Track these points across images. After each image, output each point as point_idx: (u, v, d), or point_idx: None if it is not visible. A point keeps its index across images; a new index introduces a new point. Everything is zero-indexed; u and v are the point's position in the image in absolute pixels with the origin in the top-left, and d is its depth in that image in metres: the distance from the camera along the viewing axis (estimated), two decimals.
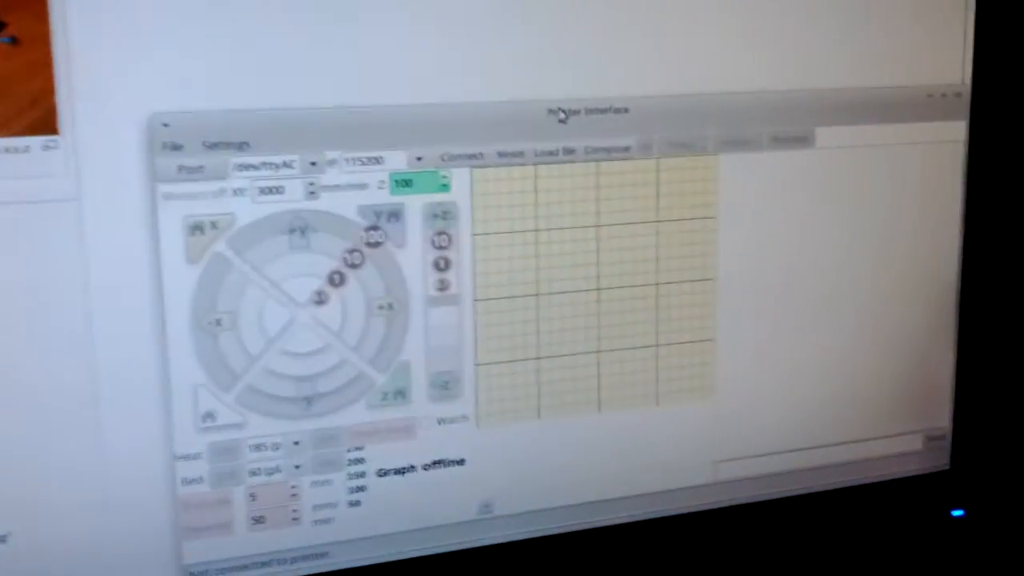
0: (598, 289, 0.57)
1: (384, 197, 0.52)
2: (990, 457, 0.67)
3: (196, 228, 0.49)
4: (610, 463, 0.59)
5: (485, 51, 0.52)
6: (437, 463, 0.55)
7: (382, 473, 0.54)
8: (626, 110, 0.55)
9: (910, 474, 0.66)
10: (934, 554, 0.66)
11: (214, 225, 0.49)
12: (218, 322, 0.50)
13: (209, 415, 0.51)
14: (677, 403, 0.59)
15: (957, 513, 0.67)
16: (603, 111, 0.55)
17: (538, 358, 0.56)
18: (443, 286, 0.54)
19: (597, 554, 0.59)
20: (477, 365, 0.55)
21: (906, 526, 0.66)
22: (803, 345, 0.61)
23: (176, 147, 0.48)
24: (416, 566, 0.56)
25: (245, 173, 0.49)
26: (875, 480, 0.65)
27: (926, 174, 0.62)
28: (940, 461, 0.66)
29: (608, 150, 0.56)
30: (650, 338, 0.58)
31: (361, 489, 0.54)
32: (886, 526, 0.66)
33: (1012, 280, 0.65)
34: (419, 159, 0.52)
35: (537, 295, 0.56)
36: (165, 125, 0.47)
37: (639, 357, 0.58)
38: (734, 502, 0.62)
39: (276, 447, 0.52)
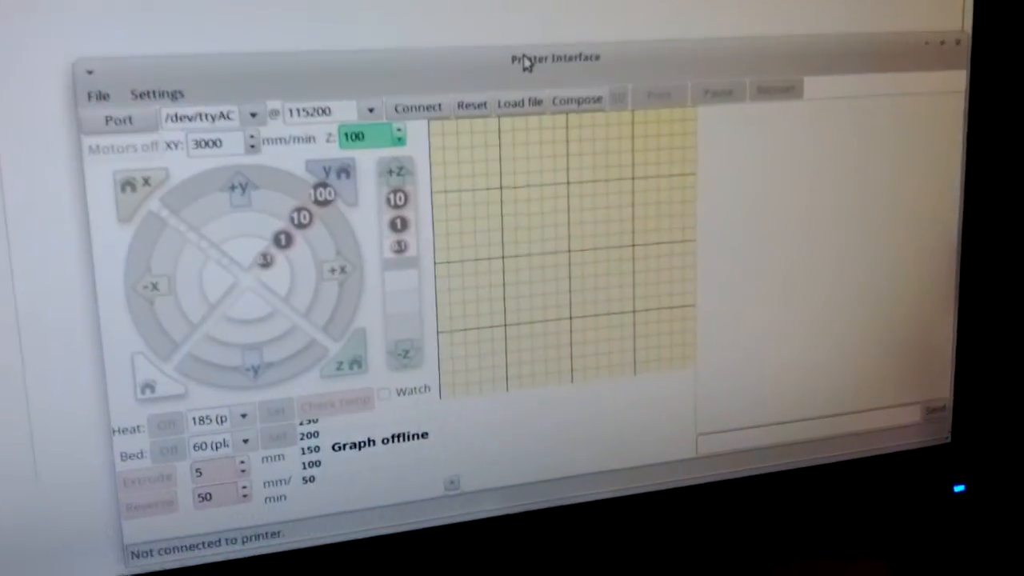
0: (569, 251, 0.53)
1: (333, 151, 0.48)
2: (993, 430, 0.63)
3: (127, 184, 0.45)
4: (584, 436, 0.55)
5: None
6: (398, 437, 0.52)
7: (338, 447, 0.51)
8: (597, 57, 0.52)
9: (908, 448, 0.62)
10: (934, 531, 0.63)
11: (146, 181, 0.46)
12: (154, 286, 0.47)
13: (148, 385, 0.48)
14: (656, 373, 0.56)
15: (959, 488, 0.64)
16: (572, 58, 0.51)
17: (505, 325, 0.53)
18: (400, 248, 0.50)
19: (571, 533, 0.56)
20: (439, 333, 0.52)
21: (904, 502, 0.63)
22: (791, 311, 0.58)
23: (102, 96, 0.44)
24: (378, 545, 0.53)
25: (179, 125, 0.46)
26: (870, 454, 0.61)
27: (924, 127, 0.58)
28: (940, 434, 0.63)
29: (578, 101, 0.52)
30: (626, 303, 0.55)
31: (315, 464, 0.51)
32: (883, 502, 0.62)
33: (1016, 239, 0.62)
34: (371, 110, 0.48)
35: (503, 257, 0.52)
36: (90, 72, 0.44)
37: (614, 324, 0.55)
38: (717, 477, 0.58)
39: (222, 420, 0.49)
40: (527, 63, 0.51)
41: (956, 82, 0.58)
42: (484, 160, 0.51)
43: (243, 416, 0.49)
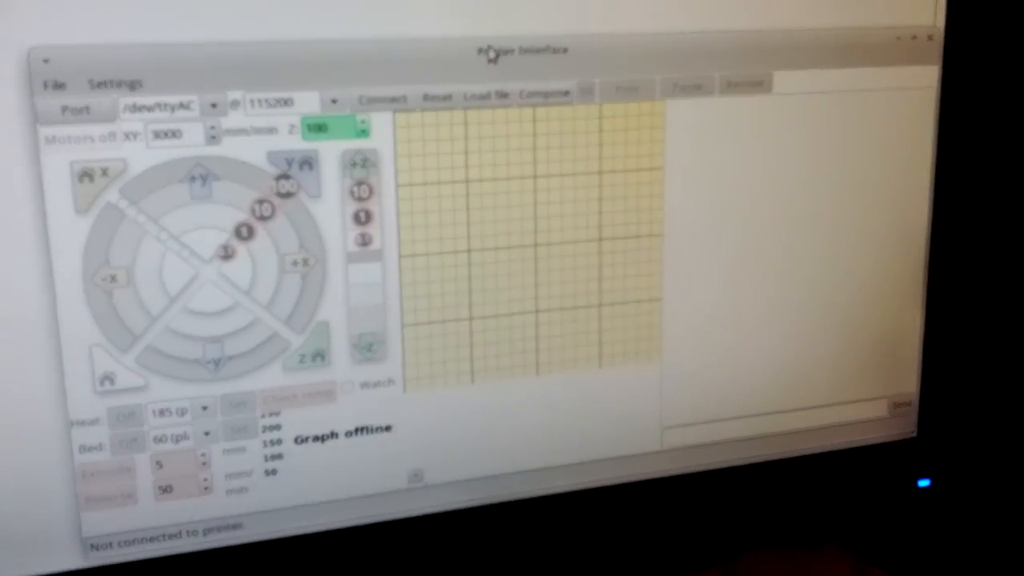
0: (535, 245, 0.53)
1: (295, 143, 0.48)
2: (959, 425, 0.64)
3: (84, 175, 0.45)
4: (549, 429, 0.55)
5: None
6: (361, 430, 0.52)
7: (300, 440, 0.51)
8: (565, 50, 0.51)
9: (874, 442, 0.63)
10: (899, 525, 0.63)
11: (104, 172, 0.45)
12: (113, 278, 0.46)
13: (107, 377, 0.47)
14: (622, 366, 0.56)
15: (923, 483, 0.64)
16: (539, 51, 0.51)
17: (471, 318, 0.53)
18: (364, 241, 0.50)
19: (535, 525, 0.56)
20: (404, 326, 0.51)
21: (870, 496, 0.63)
22: (758, 305, 0.57)
23: (59, 86, 0.44)
24: (341, 538, 0.53)
25: (137, 115, 0.45)
26: (836, 448, 0.62)
27: (894, 123, 0.58)
28: (906, 429, 0.63)
29: (545, 94, 0.51)
30: (592, 297, 0.54)
31: (277, 457, 0.51)
32: (848, 496, 0.62)
33: (986, 236, 0.61)
34: (334, 101, 0.48)
35: (469, 251, 0.52)
36: (46, 61, 0.43)
37: (580, 317, 0.54)
38: (683, 471, 0.58)
39: (182, 412, 0.49)
40: (493, 55, 0.50)
41: (928, 78, 0.58)
42: (450, 153, 0.51)
43: (204, 409, 0.49)
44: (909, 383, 0.62)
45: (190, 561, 0.50)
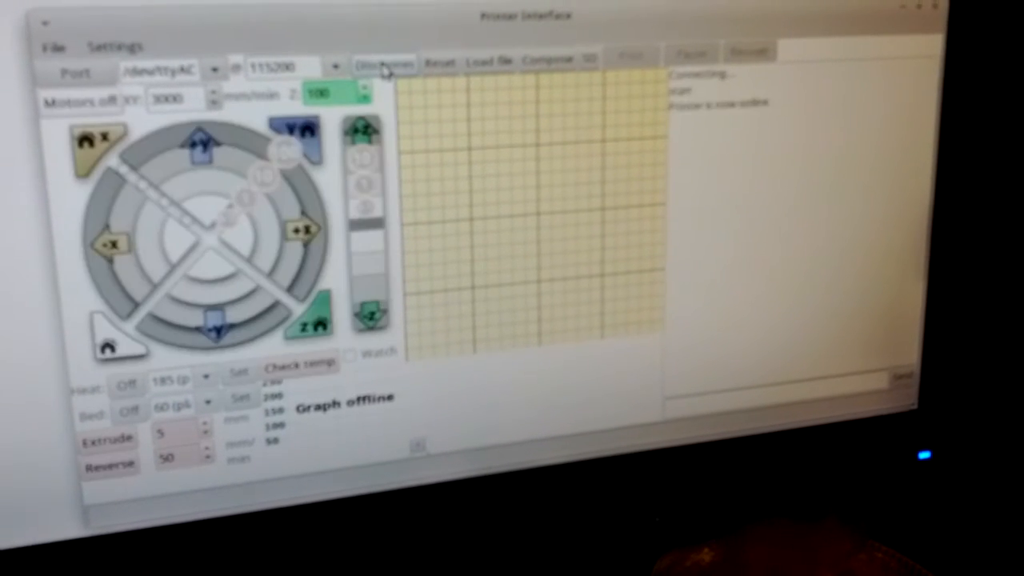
0: (538, 214, 0.53)
1: (297, 108, 0.47)
2: (959, 397, 0.64)
3: (84, 139, 0.44)
4: (551, 399, 0.55)
5: None
6: (363, 399, 0.52)
7: (302, 409, 0.51)
8: (568, 16, 0.51)
9: (875, 414, 0.62)
10: (900, 497, 0.63)
11: (104, 136, 0.45)
12: (113, 244, 0.46)
13: (108, 345, 0.47)
14: (624, 336, 0.55)
15: (924, 455, 0.64)
16: (542, 16, 0.50)
17: (473, 287, 0.52)
18: (366, 208, 0.49)
19: (537, 495, 0.56)
20: (406, 295, 0.51)
21: (870, 468, 0.63)
22: (760, 276, 0.57)
23: (58, 48, 0.43)
24: (342, 507, 0.53)
25: (137, 79, 0.44)
26: (837, 420, 0.62)
27: (898, 93, 0.58)
28: (907, 401, 0.63)
29: (548, 60, 0.51)
30: (595, 267, 0.54)
31: (279, 426, 0.51)
32: (848, 468, 0.62)
33: (988, 207, 0.61)
34: (335, 66, 0.47)
35: (471, 219, 0.52)
36: (44, 23, 0.43)
37: (583, 287, 0.54)
38: (685, 441, 0.58)
39: (184, 380, 0.48)
40: (496, 20, 0.49)
41: (932, 46, 0.58)
42: (452, 120, 0.50)
43: (206, 377, 0.49)
44: (910, 355, 0.62)
45: (191, 530, 0.50)
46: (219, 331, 0.48)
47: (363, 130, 0.48)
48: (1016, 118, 0.60)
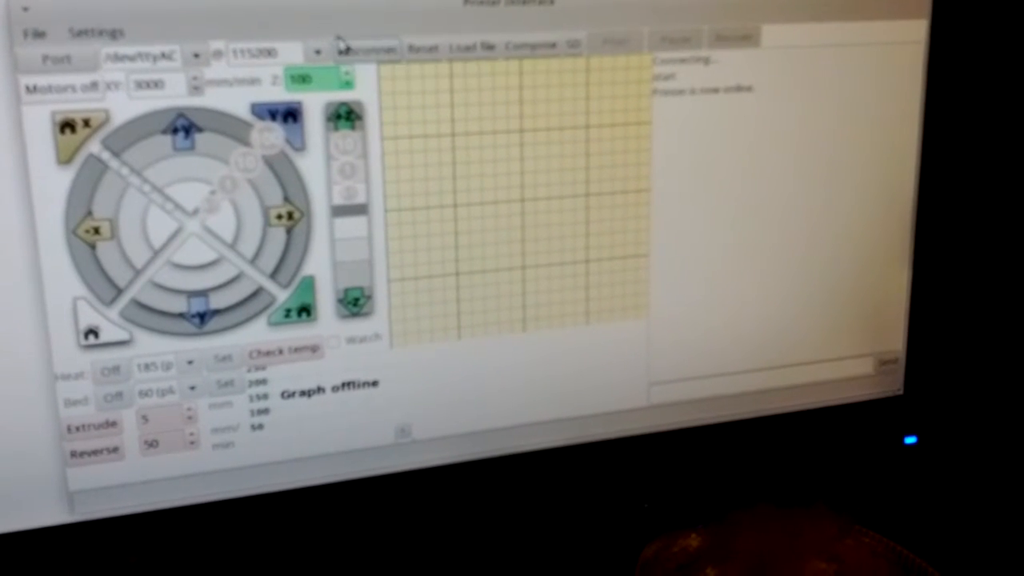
0: (522, 200, 0.53)
1: (279, 94, 0.47)
2: (945, 382, 0.64)
3: (66, 125, 0.44)
4: (536, 385, 0.55)
5: None
6: (347, 384, 0.52)
7: (287, 395, 0.51)
8: (551, 1, 0.51)
9: (861, 399, 0.63)
10: (885, 482, 0.64)
11: (86, 122, 0.45)
12: (96, 230, 0.46)
13: (91, 331, 0.47)
14: (609, 322, 0.56)
15: (910, 440, 0.65)
16: (526, 2, 0.50)
17: (457, 273, 0.52)
18: (350, 195, 0.49)
19: (523, 481, 0.56)
20: (390, 281, 0.51)
21: (856, 453, 0.63)
22: (744, 262, 0.57)
23: (39, 34, 0.43)
24: (327, 492, 0.53)
25: (119, 65, 0.44)
26: (822, 405, 0.62)
27: (883, 78, 0.58)
28: (893, 386, 0.63)
29: (532, 46, 0.51)
30: (580, 253, 0.54)
31: (264, 412, 0.51)
32: (835, 453, 0.63)
33: (973, 193, 0.61)
34: (317, 52, 0.47)
35: (455, 206, 0.52)
36: (25, 9, 0.43)
37: (568, 273, 0.54)
38: (670, 427, 0.59)
39: (168, 367, 0.49)
40: (479, 5, 0.49)
41: (916, 31, 0.58)
42: (435, 106, 0.50)
43: (190, 363, 0.49)
44: (896, 340, 0.62)
45: (176, 516, 0.50)
46: (203, 317, 0.48)
47: (346, 116, 0.48)
48: (1000, 104, 0.60)
